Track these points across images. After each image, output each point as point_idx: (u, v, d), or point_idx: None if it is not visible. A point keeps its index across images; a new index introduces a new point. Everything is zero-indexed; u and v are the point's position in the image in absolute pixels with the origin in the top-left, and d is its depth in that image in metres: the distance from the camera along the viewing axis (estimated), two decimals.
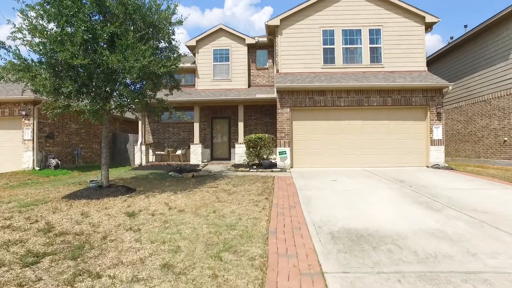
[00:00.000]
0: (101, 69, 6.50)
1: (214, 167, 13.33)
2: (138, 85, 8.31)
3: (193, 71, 16.36)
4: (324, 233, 4.42)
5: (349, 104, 12.13)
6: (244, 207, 5.95)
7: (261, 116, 16.09)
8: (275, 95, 14.33)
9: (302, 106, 12.27)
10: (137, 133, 16.74)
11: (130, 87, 7.82)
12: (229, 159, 16.00)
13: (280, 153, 12.05)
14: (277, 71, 13.58)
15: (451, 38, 19.87)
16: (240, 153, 14.38)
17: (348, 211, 5.60)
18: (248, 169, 11.63)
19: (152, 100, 8.87)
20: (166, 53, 8.73)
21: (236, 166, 12.95)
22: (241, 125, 14.73)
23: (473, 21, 58.99)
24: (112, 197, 6.77)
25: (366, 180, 9.06)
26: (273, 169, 11.44)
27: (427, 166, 11.94)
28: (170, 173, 10.82)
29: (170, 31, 8.09)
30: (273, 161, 12.61)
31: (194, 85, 16.35)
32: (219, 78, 16.13)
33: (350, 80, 12.24)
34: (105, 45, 6.84)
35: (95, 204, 6.25)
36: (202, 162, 14.85)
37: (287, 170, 11.37)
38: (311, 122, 12.42)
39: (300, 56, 13.47)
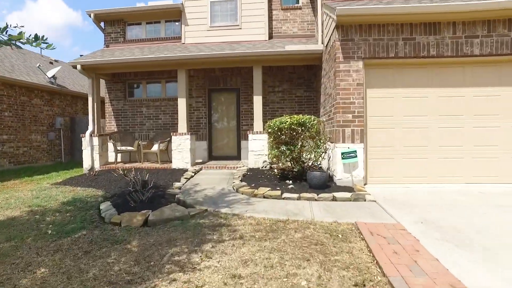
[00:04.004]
0: None
1: (210, 179, 7.17)
2: None
3: (177, 16, 10.02)
4: None
5: (490, 52, 5.70)
6: None
7: (291, 88, 9.76)
8: (320, 46, 8.00)
9: (388, 57, 5.90)
10: (104, 118, 10.71)
11: None
12: (237, 157, 9.85)
13: (345, 155, 5.79)
14: None
15: None
16: (256, 149, 8.22)
17: None
18: (280, 191, 5.40)
19: None
20: None
21: (252, 178, 6.78)
22: (258, 101, 8.48)
23: None
24: None
25: None
26: (335, 193, 5.21)
27: None
28: (102, 207, 4.72)
29: None
30: (317, 165, 6.43)
31: (180, 38, 10.06)
32: (221, 24, 9.78)
33: None
34: None
35: None
36: (193, 164, 8.74)
37: (367, 196, 5.11)
38: (405, 91, 6.06)
39: None
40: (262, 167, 8.04)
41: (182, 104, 8.76)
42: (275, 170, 6.89)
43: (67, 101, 13.15)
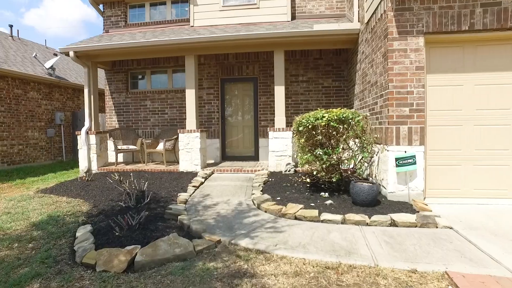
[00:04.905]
0: None
1: (223, 187, 5.87)
2: None
3: None
4: None
5: None
6: None
7: (317, 77, 8.34)
8: (355, 24, 6.62)
9: (459, 31, 4.43)
10: (105, 112, 9.54)
11: None
12: (255, 158, 8.54)
13: (401, 161, 4.40)
14: None
15: None
16: (278, 149, 6.91)
17: None
18: (317, 210, 4.05)
19: None
20: None
21: (275, 186, 5.46)
22: (280, 92, 7.13)
23: None
24: None
25: None
26: (393, 214, 3.84)
27: None
28: (78, 234, 3.46)
29: None
30: (360, 173, 5.02)
31: (188, 21, 8.75)
32: (236, 3, 8.39)
33: None
34: None
35: None
36: (204, 166, 7.48)
37: (437, 219, 3.71)
38: (479, 76, 4.59)
39: None
40: (285, 171, 6.74)
41: (190, 96, 7.49)
42: (305, 178, 5.55)
43: (68, 94, 12.08)
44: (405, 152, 4.46)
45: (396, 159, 4.43)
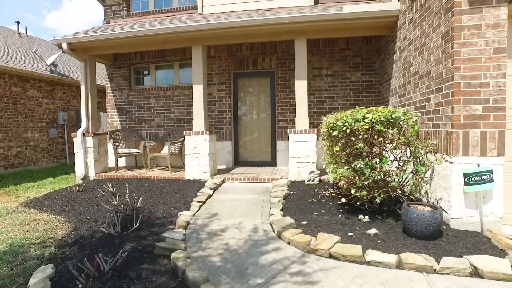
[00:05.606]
0: None
1: (235, 202, 4.82)
2: None
3: None
4: None
5: None
6: None
7: (344, 70, 7.19)
8: (395, 4, 5.45)
9: None
10: (106, 111, 8.67)
11: None
12: (272, 163, 7.49)
13: (472, 178, 3.25)
14: None
15: None
16: (300, 155, 5.86)
17: None
18: (360, 245, 2.98)
19: None
20: None
21: (299, 204, 4.39)
22: (302, 88, 6.04)
23: None
24: None
25: None
26: (472, 258, 2.71)
27: None
28: (31, 283, 2.53)
29: None
30: (412, 191, 3.86)
31: (196, 8, 7.76)
32: None
33: None
34: None
35: None
36: (214, 173, 6.49)
37: None
38: None
39: None
40: (308, 181, 5.67)
41: (198, 93, 6.50)
42: (333, 191, 4.46)
43: (72, 92, 11.34)
44: (478, 165, 3.30)
45: (465, 175, 3.28)
